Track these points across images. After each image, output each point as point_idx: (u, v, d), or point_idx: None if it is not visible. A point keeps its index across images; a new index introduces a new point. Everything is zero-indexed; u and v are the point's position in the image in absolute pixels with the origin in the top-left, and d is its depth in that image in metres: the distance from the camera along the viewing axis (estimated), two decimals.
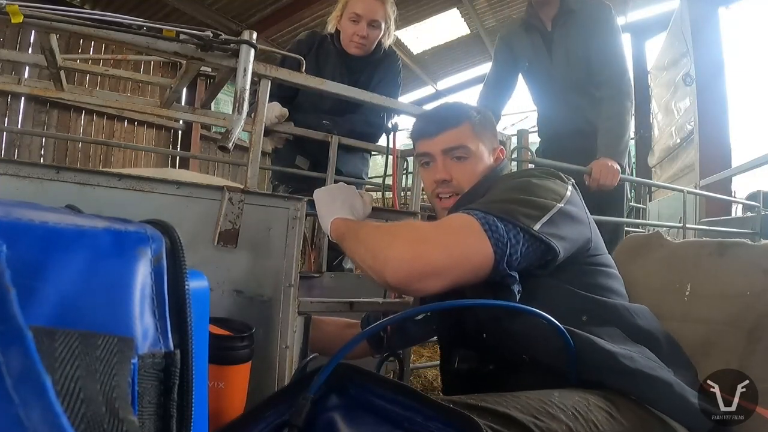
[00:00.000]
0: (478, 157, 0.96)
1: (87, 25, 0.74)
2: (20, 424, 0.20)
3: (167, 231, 0.38)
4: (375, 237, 0.79)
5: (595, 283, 0.85)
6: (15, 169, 0.68)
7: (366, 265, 0.79)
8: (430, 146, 0.97)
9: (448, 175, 0.96)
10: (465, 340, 0.89)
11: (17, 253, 0.26)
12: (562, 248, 0.77)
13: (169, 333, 0.34)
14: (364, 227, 0.85)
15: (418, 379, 2.10)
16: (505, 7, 6.17)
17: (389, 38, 1.89)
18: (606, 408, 0.66)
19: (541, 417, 0.58)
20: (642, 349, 0.77)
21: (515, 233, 0.73)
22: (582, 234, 0.84)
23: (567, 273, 0.82)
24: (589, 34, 1.88)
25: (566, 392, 0.67)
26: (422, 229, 0.76)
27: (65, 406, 0.24)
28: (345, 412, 0.52)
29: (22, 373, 0.22)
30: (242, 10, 5.57)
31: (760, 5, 4.15)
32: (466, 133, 0.96)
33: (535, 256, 0.76)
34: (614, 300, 0.85)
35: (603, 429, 0.62)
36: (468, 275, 0.73)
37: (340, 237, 0.89)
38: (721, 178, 3.24)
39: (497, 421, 0.55)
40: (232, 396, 0.60)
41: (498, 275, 0.74)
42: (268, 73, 0.87)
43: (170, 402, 0.33)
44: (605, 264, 0.90)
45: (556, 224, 0.78)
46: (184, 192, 0.79)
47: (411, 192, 1.17)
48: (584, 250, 0.85)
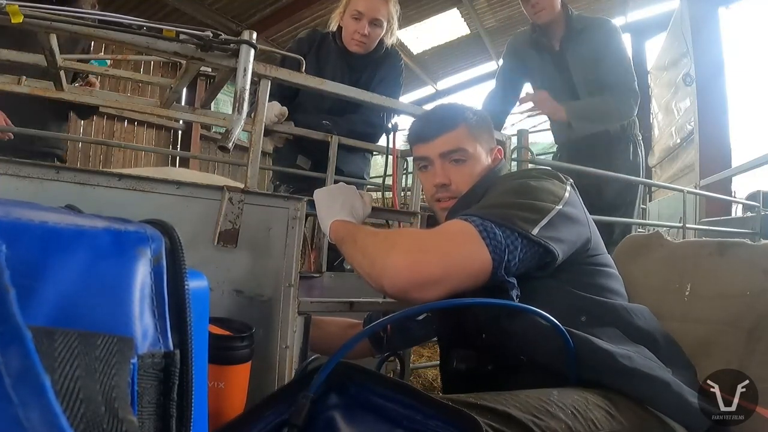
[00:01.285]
0: (475, 159, 0.96)
1: (87, 25, 0.74)
2: (19, 424, 0.20)
3: (167, 231, 0.38)
4: (373, 244, 0.79)
5: (594, 283, 0.85)
6: (15, 169, 0.68)
7: (364, 272, 0.80)
8: (427, 150, 0.97)
9: (447, 179, 0.96)
10: (464, 339, 0.89)
11: (17, 252, 0.26)
12: (560, 251, 0.77)
13: (169, 333, 0.34)
14: (361, 232, 0.85)
15: (418, 379, 2.10)
16: (505, 7, 6.17)
17: (392, 37, 1.87)
18: (605, 407, 0.66)
19: (540, 415, 0.58)
20: (641, 348, 0.77)
21: (513, 239, 0.74)
22: (581, 235, 0.84)
23: (566, 273, 0.82)
24: (599, 52, 1.90)
25: (565, 391, 0.67)
26: (420, 238, 0.77)
27: (64, 406, 0.24)
28: (345, 411, 0.52)
29: (21, 373, 0.22)
30: (242, 10, 5.57)
31: (760, 5, 4.15)
32: (462, 136, 0.96)
33: (533, 260, 0.77)
34: (613, 300, 0.85)
35: (602, 427, 0.63)
36: (466, 283, 0.73)
37: (339, 240, 0.89)
38: (721, 178, 3.24)
39: (497, 419, 0.55)
40: (232, 396, 0.60)
41: (496, 281, 0.74)
42: (268, 73, 0.87)
43: (170, 402, 0.33)
44: (605, 264, 0.90)
45: (555, 227, 0.78)
46: (184, 192, 0.79)
47: (411, 192, 1.17)
48: (584, 250, 0.85)
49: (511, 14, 6.22)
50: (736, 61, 4.12)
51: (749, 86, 4.40)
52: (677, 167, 4.74)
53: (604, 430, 0.63)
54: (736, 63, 4.12)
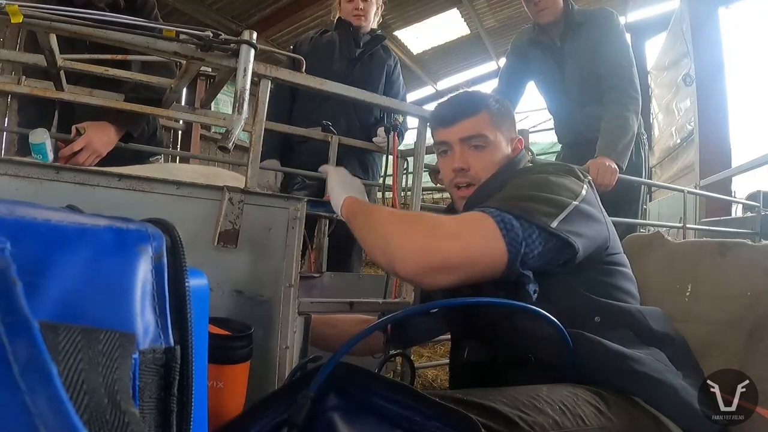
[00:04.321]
0: (495, 147, 0.95)
1: (87, 25, 0.74)
2: (27, 410, 0.21)
3: (168, 229, 0.38)
4: (389, 223, 0.77)
5: (613, 284, 0.85)
6: (15, 169, 0.68)
7: (376, 251, 0.78)
8: (447, 135, 0.97)
9: (466, 164, 0.95)
10: (476, 331, 0.89)
11: (21, 250, 0.27)
12: (581, 245, 0.76)
13: (170, 329, 0.34)
14: (378, 211, 0.84)
15: (418, 379, 2.10)
16: (505, 7, 6.18)
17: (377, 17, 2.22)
18: (594, 403, 0.66)
19: (527, 410, 0.59)
20: (653, 351, 0.77)
21: (531, 231, 0.73)
22: (600, 233, 0.83)
23: (586, 272, 0.82)
24: (597, 44, 1.88)
25: (555, 387, 0.67)
26: (437, 223, 0.75)
27: (69, 396, 0.24)
28: (344, 412, 0.52)
29: (29, 362, 0.22)
30: (242, 10, 5.58)
31: (760, 5, 4.15)
32: (484, 122, 0.95)
33: (552, 254, 0.75)
34: (628, 302, 0.85)
35: (590, 423, 0.63)
36: (480, 273, 0.72)
37: (351, 216, 0.88)
38: (721, 178, 3.24)
39: (483, 414, 0.55)
40: (232, 396, 0.60)
41: (512, 274, 0.73)
42: (268, 73, 0.87)
43: (170, 397, 0.33)
44: (622, 264, 0.90)
45: (573, 222, 0.77)
46: (184, 192, 0.79)
47: (411, 192, 1.17)
48: (603, 249, 0.85)
49: (511, 14, 6.23)
50: (736, 61, 4.13)
51: (749, 86, 4.41)
52: (677, 167, 4.74)
53: (593, 426, 0.63)
54: (736, 63, 4.13)
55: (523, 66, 2.10)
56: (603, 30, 1.89)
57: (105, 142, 1.43)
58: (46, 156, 1.25)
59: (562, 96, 2.04)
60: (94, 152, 1.40)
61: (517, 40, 2.13)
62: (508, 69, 2.16)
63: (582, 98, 1.96)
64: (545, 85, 2.09)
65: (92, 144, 1.40)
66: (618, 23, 1.93)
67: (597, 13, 1.95)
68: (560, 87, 2.01)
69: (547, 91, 2.11)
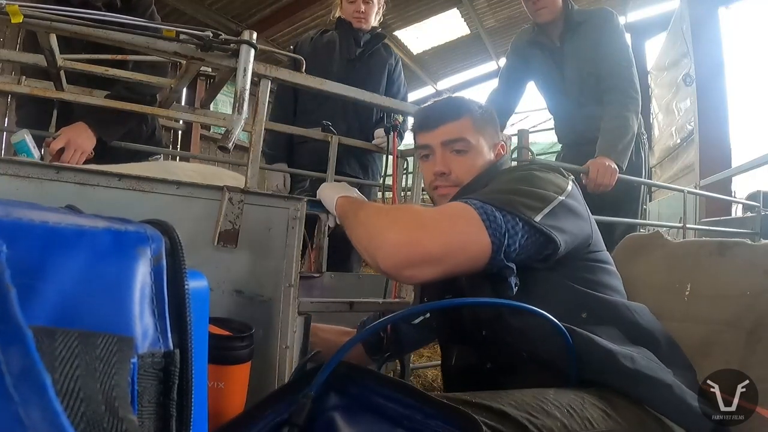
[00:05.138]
0: (477, 151, 0.95)
1: (87, 25, 0.74)
2: (20, 422, 0.21)
3: (167, 231, 0.37)
4: (374, 218, 0.78)
5: (595, 280, 0.85)
6: (15, 169, 0.68)
7: (362, 246, 0.78)
8: (429, 138, 0.96)
9: (447, 168, 0.95)
10: (464, 337, 0.88)
11: (17, 252, 0.26)
12: (562, 240, 0.76)
13: (169, 333, 0.34)
14: (365, 207, 0.84)
15: (418, 379, 2.10)
16: (505, 7, 6.17)
17: (378, 16, 2.24)
18: (602, 406, 0.66)
19: (535, 413, 0.58)
20: (641, 349, 0.77)
21: (514, 224, 0.72)
22: (583, 229, 0.83)
23: (567, 268, 0.82)
24: (597, 44, 1.88)
25: (562, 391, 0.67)
26: (421, 215, 0.74)
27: (65, 405, 0.24)
28: (345, 411, 0.52)
29: (22, 372, 0.22)
30: (242, 10, 5.57)
31: (760, 5, 4.15)
32: (466, 127, 0.95)
33: (534, 248, 0.75)
34: (614, 297, 0.85)
35: (598, 426, 0.62)
36: (463, 265, 0.72)
37: (343, 215, 0.89)
38: (721, 178, 3.24)
39: (492, 417, 0.55)
40: (232, 396, 0.60)
41: (495, 266, 0.73)
42: (268, 73, 0.87)
43: (170, 401, 0.33)
44: (605, 261, 0.90)
45: (557, 216, 0.77)
46: (184, 192, 0.79)
47: (411, 192, 1.17)
48: (585, 245, 0.85)
49: (511, 14, 6.23)
50: (736, 61, 4.12)
51: (749, 86, 4.40)
52: (677, 167, 4.74)
53: (600, 428, 0.62)
54: (736, 63, 4.12)
55: (522, 66, 2.11)
56: (602, 30, 1.89)
57: (85, 137, 1.40)
58: (30, 152, 1.23)
59: (561, 96, 2.04)
60: (78, 148, 1.38)
61: (516, 41, 2.13)
62: (507, 69, 2.17)
63: (582, 98, 1.96)
64: (545, 85, 2.09)
65: (73, 141, 1.37)
66: (617, 23, 1.93)
67: (596, 13, 1.95)
68: (560, 87, 2.01)
69: (547, 91, 2.11)
